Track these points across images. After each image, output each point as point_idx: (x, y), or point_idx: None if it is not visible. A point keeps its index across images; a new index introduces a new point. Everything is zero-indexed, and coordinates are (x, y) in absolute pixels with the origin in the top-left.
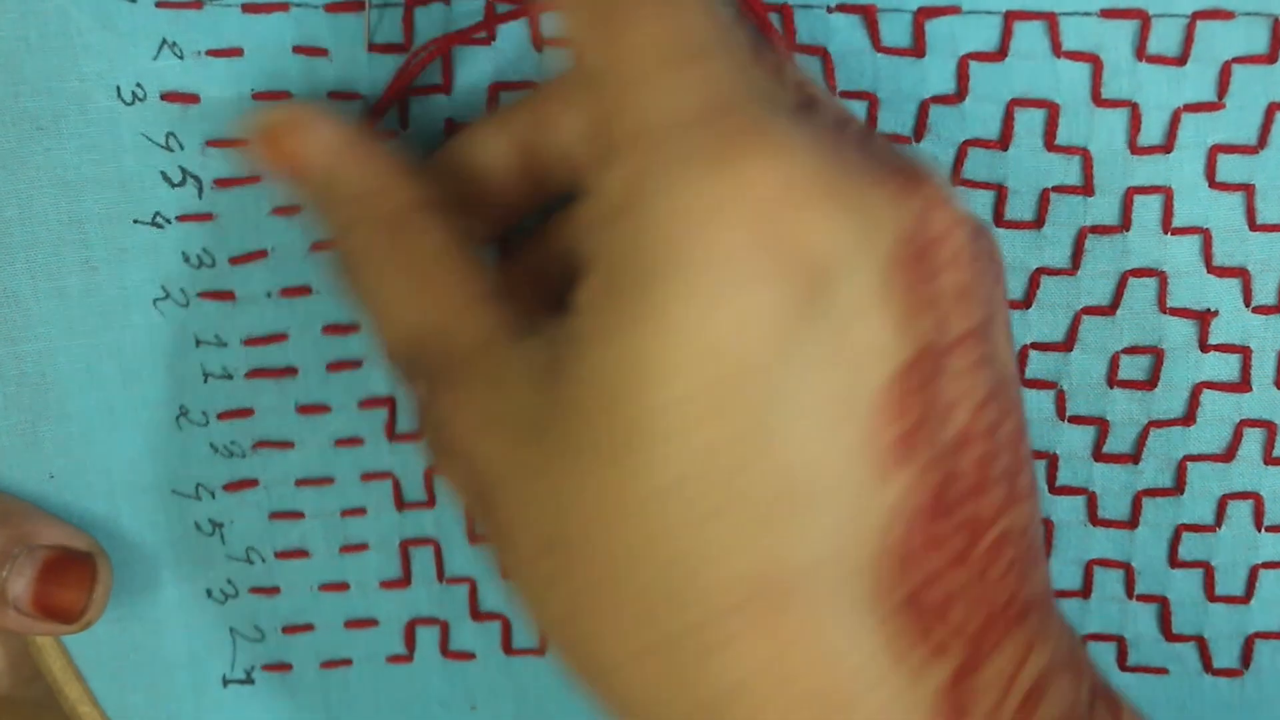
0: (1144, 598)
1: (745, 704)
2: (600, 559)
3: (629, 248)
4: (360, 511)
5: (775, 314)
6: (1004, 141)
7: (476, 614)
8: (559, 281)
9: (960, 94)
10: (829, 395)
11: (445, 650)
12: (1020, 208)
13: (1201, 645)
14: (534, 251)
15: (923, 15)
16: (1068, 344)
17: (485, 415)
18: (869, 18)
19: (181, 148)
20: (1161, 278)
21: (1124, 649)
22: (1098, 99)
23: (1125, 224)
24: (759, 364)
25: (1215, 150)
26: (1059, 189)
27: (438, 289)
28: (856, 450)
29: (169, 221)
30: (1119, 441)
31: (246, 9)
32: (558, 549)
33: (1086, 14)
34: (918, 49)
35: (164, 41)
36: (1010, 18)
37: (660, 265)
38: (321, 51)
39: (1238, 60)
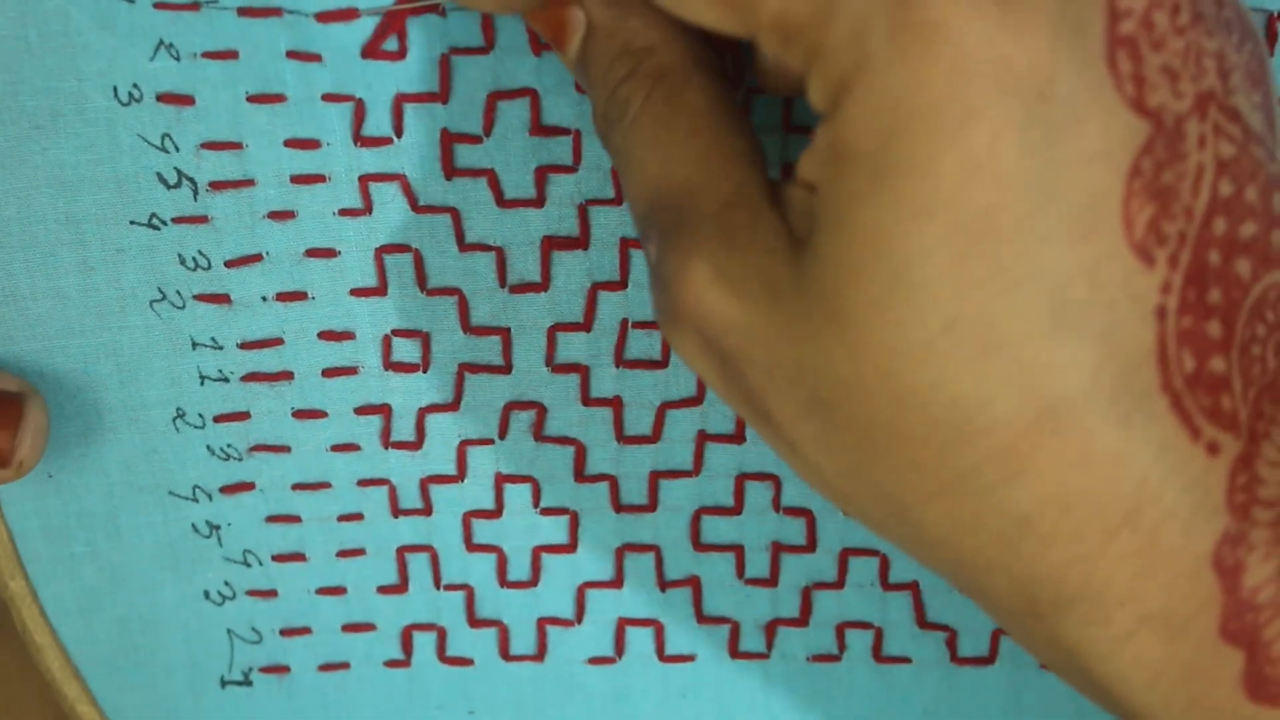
0: None
1: (1037, 532)
2: (875, 413)
3: (857, 121)
4: (357, 517)
5: (1005, 140)
6: None
7: (474, 620)
8: None
9: None
10: (1078, 202)
11: (443, 656)
12: None
13: None
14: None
15: None
16: None
17: (718, 273)
18: None
19: (177, 149)
20: None
21: None
22: None
23: None
24: (1003, 193)
25: None
26: None
27: (698, 145)
28: (1116, 249)
29: (165, 223)
30: None
31: (242, 12)
32: (820, 410)
33: None
34: None
35: (161, 43)
36: None
37: (887, 130)
38: (315, 57)
39: None
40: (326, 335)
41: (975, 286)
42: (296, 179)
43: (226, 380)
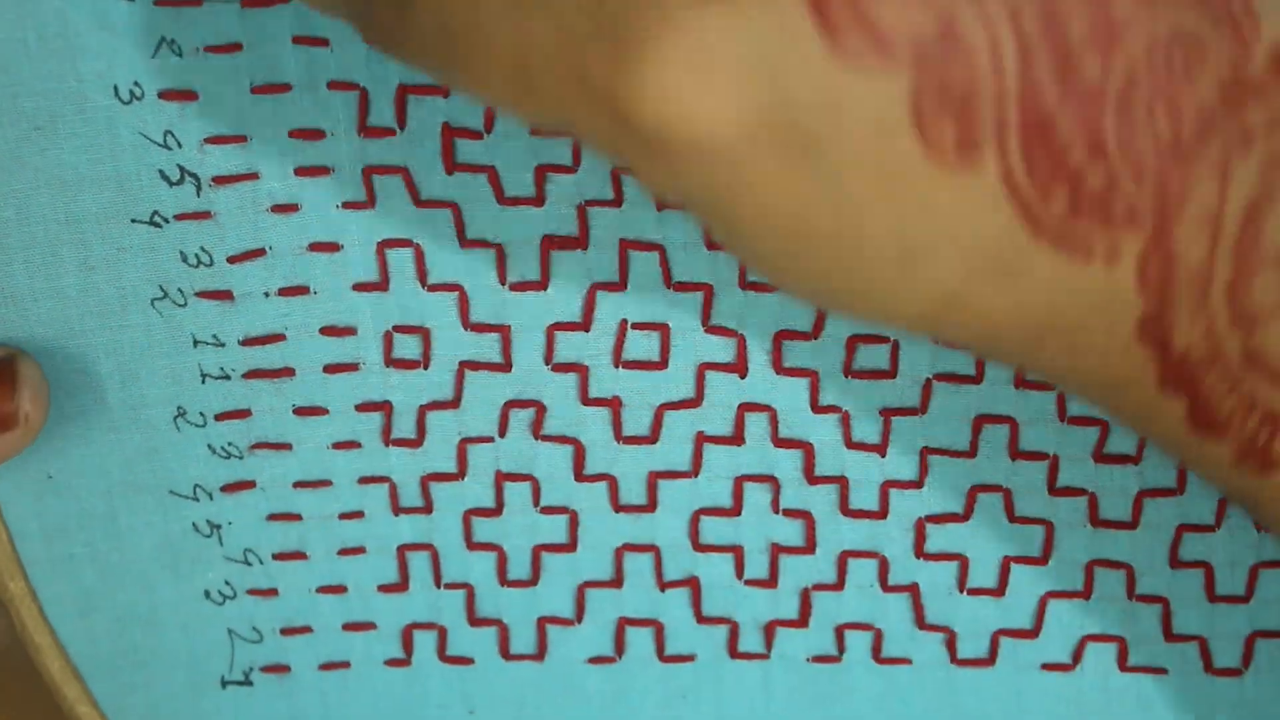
0: (1144, 598)
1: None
2: None
3: None
4: (358, 515)
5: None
6: None
7: (474, 619)
8: None
9: None
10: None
11: (443, 655)
12: None
13: (1202, 645)
14: None
15: None
16: None
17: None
18: None
19: (179, 146)
20: None
21: (1124, 649)
22: None
23: None
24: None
25: None
26: None
27: None
28: (922, 177)
29: (167, 220)
30: (1119, 442)
31: (246, 3)
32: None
33: None
34: None
35: (162, 39)
36: None
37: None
38: (322, 41)
39: None
40: (328, 331)
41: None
42: (300, 171)
43: (228, 378)
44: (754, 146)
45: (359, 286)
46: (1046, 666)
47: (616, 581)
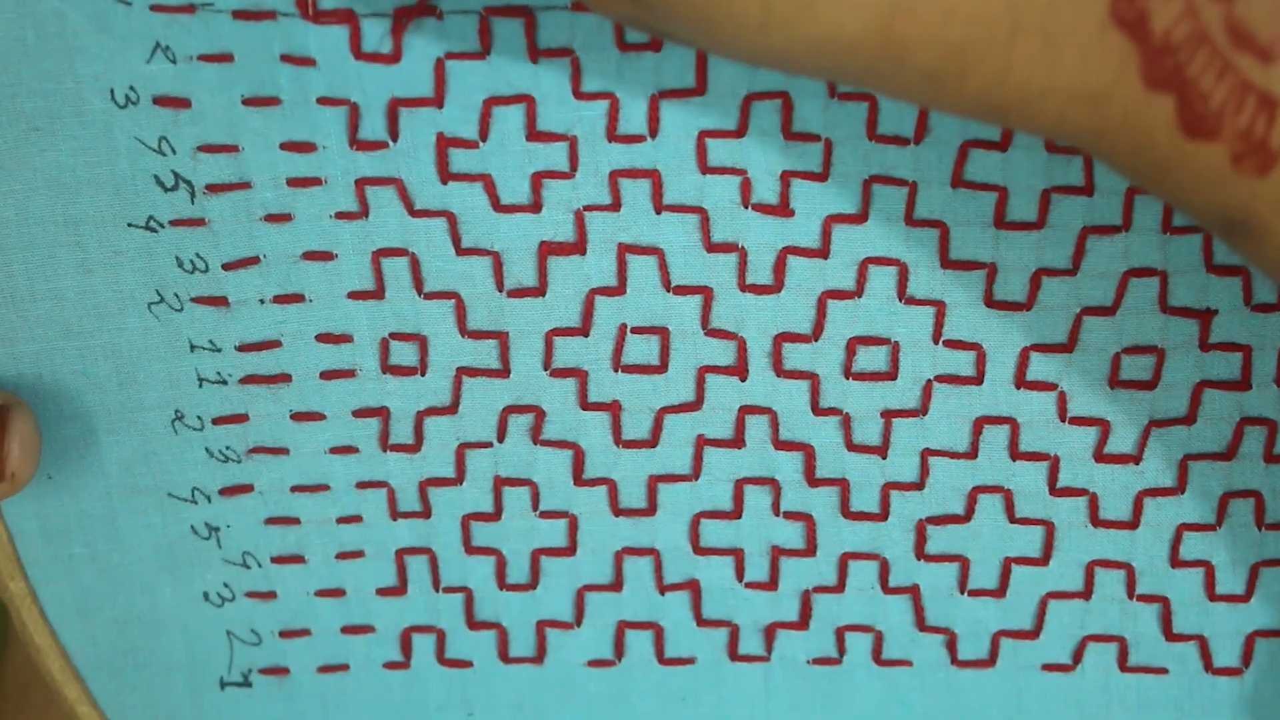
0: (1145, 598)
1: (946, 76)
2: None
3: None
4: (356, 519)
5: None
6: (1004, 143)
7: (473, 623)
8: None
9: None
10: None
11: (442, 658)
12: (1020, 209)
13: (1202, 644)
14: None
15: None
16: (1069, 345)
17: None
18: None
19: (174, 152)
20: (1161, 277)
21: (1125, 649)
22: None
23: (1125, 224)
24: None
25: None
26: (1059, 190)
27: None
28: None
29: (162, 226)
30: (1120, 442)
31: (237, 15)
32: None
33: None
34: None
35: (157, 45)
36: None
37: None
38: (309, 61)
39: None
40: (324, 338)
41: None
42: (293, 182)
43: (224, 383)
44: None
45: (354, 295)
46: (1047, 667)
47: (616, 585)
